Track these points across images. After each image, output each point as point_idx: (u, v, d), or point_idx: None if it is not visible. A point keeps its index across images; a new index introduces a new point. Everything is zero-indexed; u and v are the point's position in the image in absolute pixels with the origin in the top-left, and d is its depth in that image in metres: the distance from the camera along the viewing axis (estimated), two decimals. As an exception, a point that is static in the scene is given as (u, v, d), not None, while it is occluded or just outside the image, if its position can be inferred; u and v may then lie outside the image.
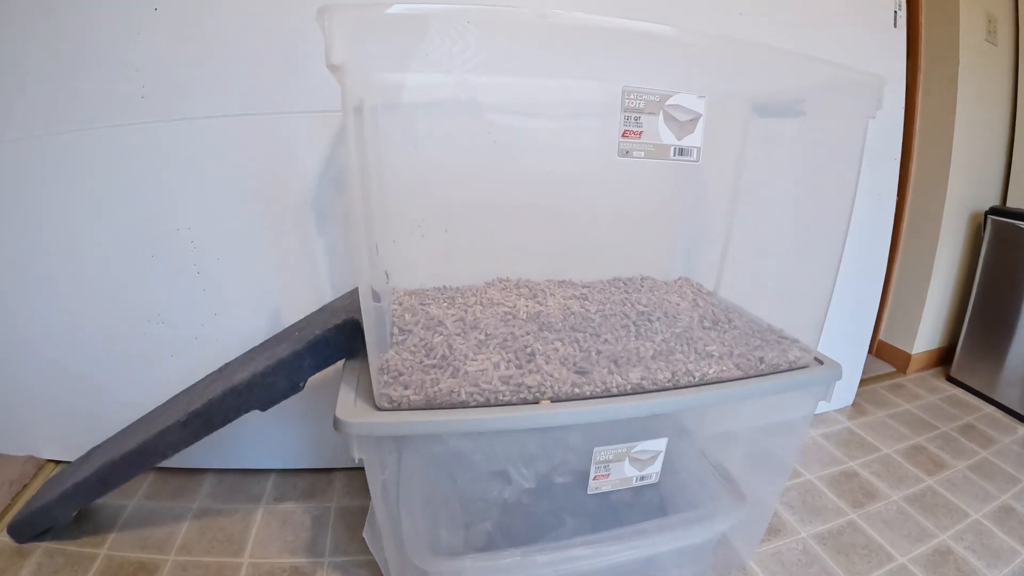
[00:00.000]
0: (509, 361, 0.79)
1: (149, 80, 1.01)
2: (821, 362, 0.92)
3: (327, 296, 1.14)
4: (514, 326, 0.89)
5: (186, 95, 1.02)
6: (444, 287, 1.07)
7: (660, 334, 0.90)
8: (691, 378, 0.81)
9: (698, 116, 0.73)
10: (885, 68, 1.42)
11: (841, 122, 0.90)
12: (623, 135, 0.71)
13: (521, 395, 0.74)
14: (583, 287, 1.10)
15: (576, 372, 0.78)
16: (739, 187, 1.10)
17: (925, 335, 1.76)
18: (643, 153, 0.72)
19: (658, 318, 0.94)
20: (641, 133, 0.72)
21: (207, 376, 1.02)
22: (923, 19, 1.73)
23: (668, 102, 0.72)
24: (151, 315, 1.12)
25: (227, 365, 1.01)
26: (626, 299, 1.03)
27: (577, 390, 0.76)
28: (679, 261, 1.27)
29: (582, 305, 0.98)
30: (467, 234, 1.13)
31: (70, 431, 1.21)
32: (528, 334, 0.86)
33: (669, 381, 0.80)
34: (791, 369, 0.89)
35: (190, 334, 1.13)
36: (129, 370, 1.15)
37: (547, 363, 0.79)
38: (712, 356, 0.86)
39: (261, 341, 1.10)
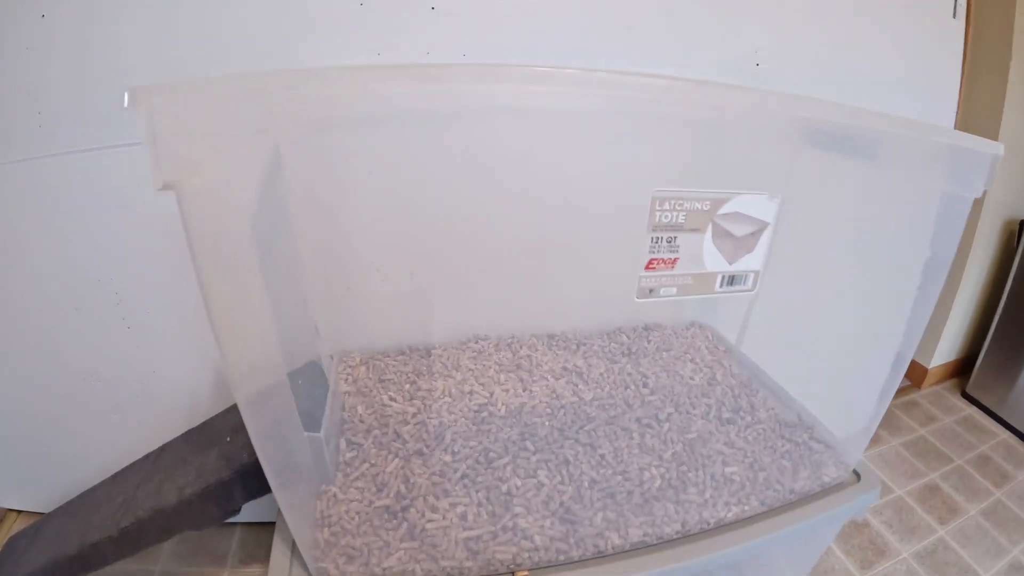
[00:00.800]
0: (479, 506, 0.61)
1: (46, 105, 0.76)
2: (858, 475, 0.74)
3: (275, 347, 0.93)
4: (489, 434, 0.69)
5: (90, 120, 0.76)
6: (408, 349, 0.87)
7: (670, 444, 0.71)
8: (705, 525, 0.63)
9: (764, 226, 0.50)
10: (940, 63, 1.13)
11: (930, 185, 0.65)
12: (647, 266, 0.48)
13: (492, 568, 0.56)
14: (577, 345, 0.90)
15: (562, 521, 0.60)
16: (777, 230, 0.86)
17: (944, 348, 1.57)
18: (675, 290, 0.50)
19: (668, 415, 0.75)
20: (676, 261, 0.49)
21: (144, 459, 0.84)
22: (972, 5, 1.40)
23: (723, 209, 0.48)
24: (86, 372, 0.92)
25: (164, 449, 0.83)
26: (629, 375, 0.83)
27: (562, 556, 0.58)
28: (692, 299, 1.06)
29: (575, 389, 0.78)
30: (437, 276, 0.91)
31: (28, 481, 1.05)
32: (505, 455, 0.66)
33: (678, 533, 0.62)
34: (824, 493, 0.70)
35: (130, 393, 0.94)
36: (74, 425, 0.97)
37: (527, 512, 0.60)
38: (732, 482, 0.67)
39: (206, 403, 0.91)
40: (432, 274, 0.90)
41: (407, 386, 0.77)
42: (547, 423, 0.72)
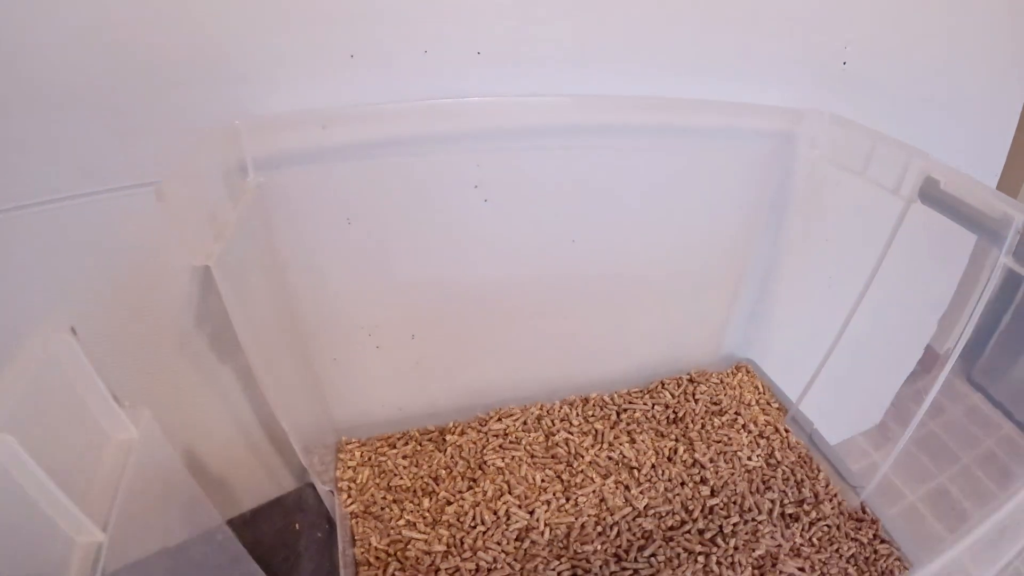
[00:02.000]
0: None
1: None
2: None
3: (252, 424, 0.77)
4: (536, 572, 0.61)
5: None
6: (418, 433, 0.76)
7: (738, 569, 0.65)
8: None
9: None
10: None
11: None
12: None
13: None
14: (616, 413, 0.81)
15: None
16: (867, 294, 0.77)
17: (956, 330, 1.58)
18: None
19: (733, 527, 0.69)
20: None
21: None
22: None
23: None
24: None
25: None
26: (683, 461, 0.75)
27: None
28: (736, 330, 0.98)
29: (627, 495, 0.71)
30: (446, 337, 0.78)
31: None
32: (561, 608, 0.59)
33: None
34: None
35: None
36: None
37: None
38: (807, 614, 0.64)
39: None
40: (438, 335, 0.78)
41: (426, 501, 0.67)
42: (599, 546, 0.65)
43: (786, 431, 0.83)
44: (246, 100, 0.55)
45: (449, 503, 0.67)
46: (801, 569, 0.67)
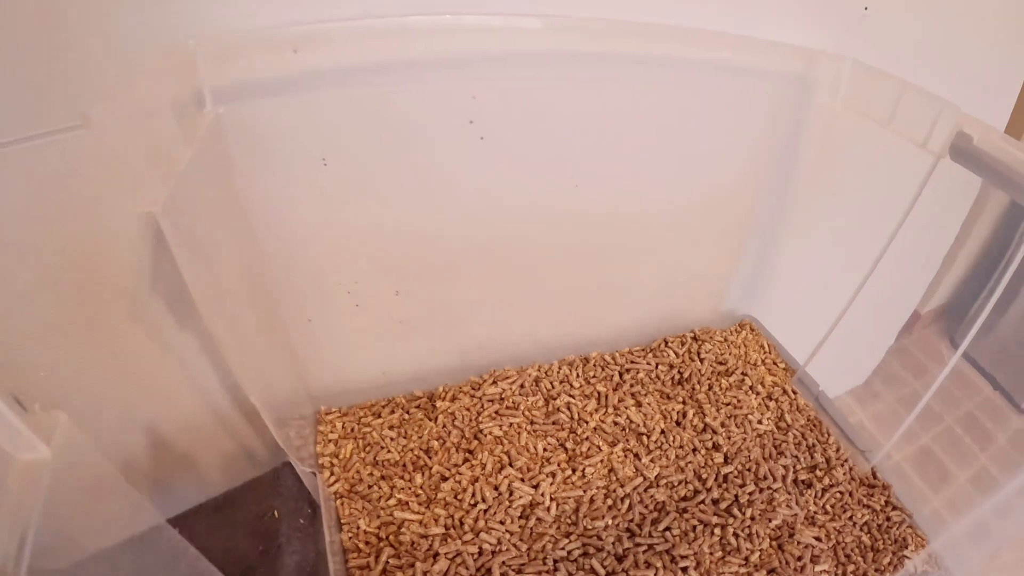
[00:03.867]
0: None
1: None
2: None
3: (219, 396, 0.70)
4: (544, 556, 0.58)
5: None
6: (405, 400, 0.71)
7: (756, 540, 0.63)
8: (808, 657, 0.58)
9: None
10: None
11: None
12: None
13: None
14: (619, 373, 0.78)
15: None
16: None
17: (940, 291, 1.61)
18: None
19: (749, 496, 0.67)
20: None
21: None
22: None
23: None
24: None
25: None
26: (694, 427, 0.73)
27: None
28: (738, 286, 0.95)
29: (636, 463, 0.67)
30: (433, 293, 0.72)
31: None
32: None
33: (784, 676, 0.56)
34: (910, 577, 0.68)
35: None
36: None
37: None
38: (824, 583, 0.63)
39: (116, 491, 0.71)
40: (425, 290, 0.72)
41: (418, 477, 0.62)
42: (610, 521, 0.62)
43: (794, 392, 0.82)
44: (201, 15, 0.46)
45: (444, 479, 0.62)
46: (817, 539, 0.66)
